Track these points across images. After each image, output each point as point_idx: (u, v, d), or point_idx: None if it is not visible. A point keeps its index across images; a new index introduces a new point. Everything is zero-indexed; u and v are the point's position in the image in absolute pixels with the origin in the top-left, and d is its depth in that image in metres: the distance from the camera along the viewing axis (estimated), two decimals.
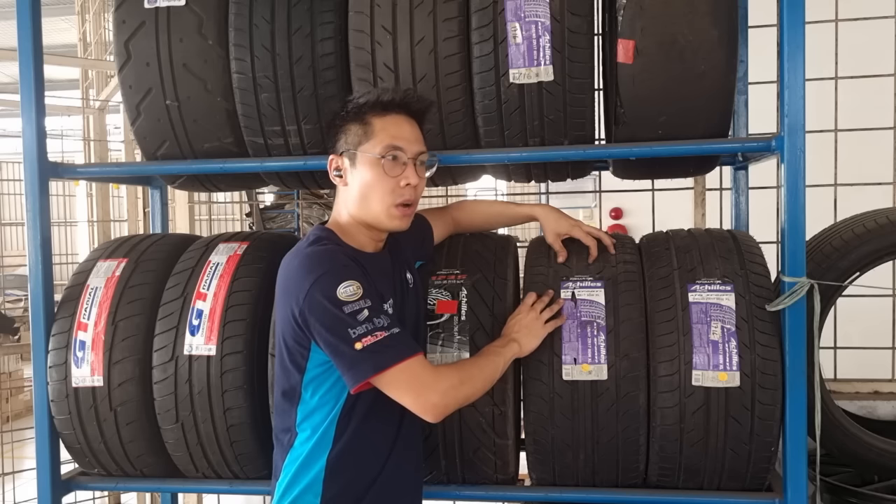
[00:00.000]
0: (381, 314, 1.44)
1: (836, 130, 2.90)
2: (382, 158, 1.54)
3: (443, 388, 1.45)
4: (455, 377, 1.48)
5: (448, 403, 1.47)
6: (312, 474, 1.52)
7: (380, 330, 1.41)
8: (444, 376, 1.47)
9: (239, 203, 5.74)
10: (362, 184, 1.56)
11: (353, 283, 1.43)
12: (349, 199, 1.60)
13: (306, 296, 1.44)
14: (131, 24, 1.90)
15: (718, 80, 1.73)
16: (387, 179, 1.55)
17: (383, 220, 1.57)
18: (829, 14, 2.91)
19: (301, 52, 1.83)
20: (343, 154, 1.59)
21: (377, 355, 1.41)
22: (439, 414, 1.46)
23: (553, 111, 1.79)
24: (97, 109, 4.59)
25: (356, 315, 1.41)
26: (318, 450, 1.52)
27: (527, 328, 1.68)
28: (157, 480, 1.98)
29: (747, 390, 1.66)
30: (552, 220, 1.88)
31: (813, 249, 2.01)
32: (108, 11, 4.63)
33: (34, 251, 1.96)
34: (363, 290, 1.44)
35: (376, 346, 1.40)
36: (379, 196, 1.55)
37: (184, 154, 1.99)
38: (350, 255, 1.52)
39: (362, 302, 1.42)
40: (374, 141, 1.55)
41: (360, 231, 1.61)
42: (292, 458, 1.54)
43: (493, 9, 1.74)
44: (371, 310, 1.43)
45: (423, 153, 1.61)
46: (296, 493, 1.52)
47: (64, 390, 1.87)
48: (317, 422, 1.53)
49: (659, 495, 1.78)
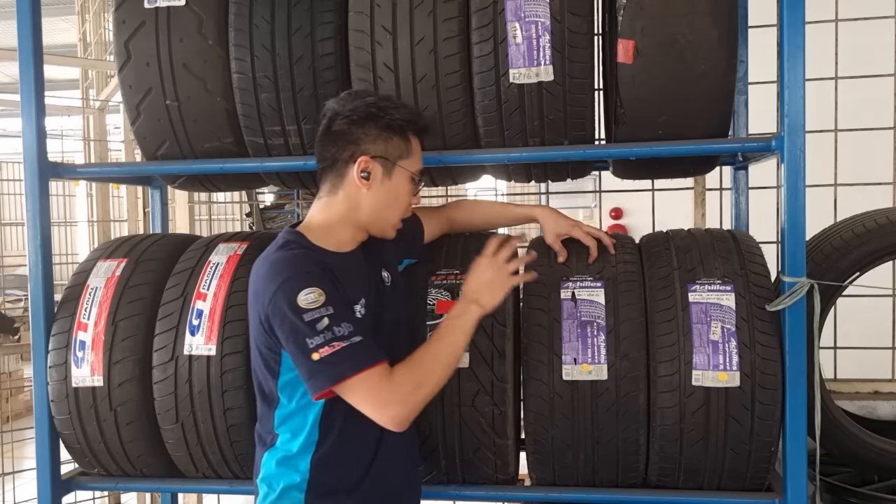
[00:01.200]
0: (342, 322, 1.41)
1: (836, 130, 2.90)
2: (413, 178, 1.61)
3: (399, 398, 1.42)
4: (410, 382, 1.43)
5: (409, 410, 1.44)
6: (297, 474, 1.51)
7: (338, 340, 1.39)
8: (400, 384, 1.42)
9: (239, 203, 5.73)
10: (390, 195, 1.58)
11: (314, 290, 1.41)
12: (361, 202, 1.57)
13: (270, 302, 1.44)
14: (131, 24, 1.90)
15: (718, 80, 1.73)
16: (408, 198, 1.62)
17: (388, 231, 1.63)
18: (829, 14, 2.91)
19: (301, 52, 1.83)
20: (376, 158, 1.55)
21: (333, 367, 1.39)
22: (402, 422, 1.44)
23: (553, 111, 1.79)
24: (97, 109, 4.59)
25: (315, 324, 1.39)
26: (302, 451, 1.52)
27: (488, 284, 1.57)
28: (157, 480, 1.98)
29: (747, 390, 1.66)
30: (552, 221, 1.88)
31: (813, 249, 2.01)
32: (108, 11, 4.63)
33: (34, 251, 1.96)
34: (325, 297, 1.41)
35: (333, 357, 1.38)
36: (397, 211, 1.61)
37: (184, 154, 1.99)
38: (317, 259, 1.50)
39: (323, 310, 1.40)
40: (413, 160, 1.60)
41: (348, 231, 1.59)
42: (275, 458, 1.54)
43: (493, 9, 1.74)
44: (332, 318, 1.40)
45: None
46: (279, 491, 1.52)
47: (64, 390, 1.87)
48: (297, 425, 1.52)
49: (659, 495, 1.78)
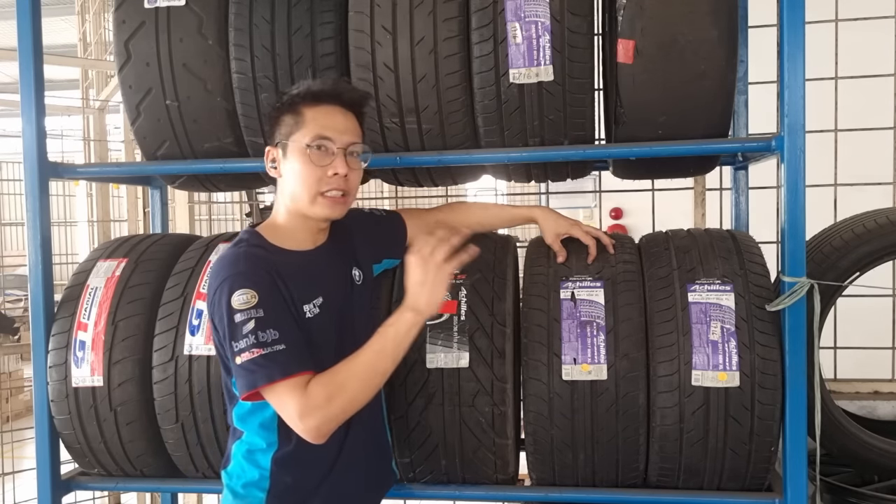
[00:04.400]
0: (269, 328, 1.39)
1: (836, 130, 2.90)
2: (308, 148, 1.53)
3: (311, 410, 1.38)
4: (322, 394, 1.39)
5: (321, 422, 1.39)
6: (257, 471, 1.53)
7: (258, 346, 1.38)
8: (313, 395, 1.39)
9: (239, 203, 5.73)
10: (292, 173, 1.55)
11: (247, 292, 1.41)
12: (284, 190, 1.59)
13: (212, 299, 1.45)
14: (131, 24, 1.90)
15: (718, 80, 1.73)
16: (314, 168, 1.52)
17: (311, 208, 1.55)
18: (829, 14, 2.91)
19: (301, 52, 1.83)
20: (277, 145, 1.58)
21: (251, 374, 1.39)
22: (318, 434, 1.41)
23: (553, 111, 1.79)
24: (97, 109, 4.59)
25: (243, 326, 1.38)
26: (263, 450, 1.53)
27: (421, 284, 1.46)
28: (157, 480, 1.98)
29: (747, 390, 1.66)
30: (551, 221, 1.88)
31: (813, 249, 2.01)
32: (108, 11, 4.63)
33: (34, 251, 1.96)
34: (258, 299, 1.40)
35: (250, 364, 1.38)
36: (306, 185, 1.53)
37: (184, 154, 1.99)
38: (263, 257, 1.49)
39: (253, 311, 1.39)
40: (304, 131, 1.53)
41: (296, 224, 1.59)
42: (241, 451, 1.56)
43: (493, 9, 1.74)
44: (259, 321, 1.39)
45: (355, 144, 1.57)
46: (241, 485, 1.54)
47: (64, 390, 1.87)
48: (256, 424, 1.53)
49: (659, 495, 1.78)
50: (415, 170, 2.06)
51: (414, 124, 1.85)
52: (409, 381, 1.75)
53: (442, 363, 1.74)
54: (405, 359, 1.74)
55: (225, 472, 1.59)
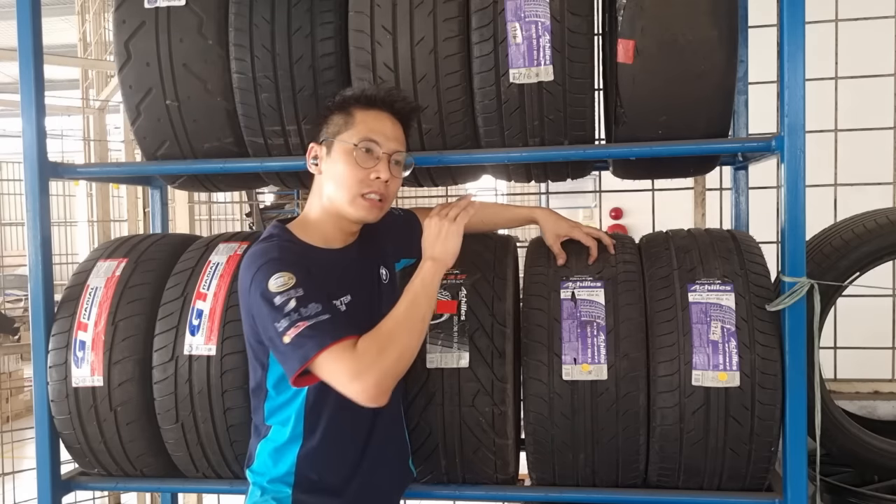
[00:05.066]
0: (311, 302, 1.39)
1: (836, 130, 2.90)
2: (356, 148, 1.54)
3: (364, 366, 1.36)
4: (373, 348, 1.38)
5: (377, 378, 1.36)
6: (283, 466, 1.53)
7: (303, 319, 1.37)
8: (363, 352, 1.37)
9: (239, 203, 5.74)
10: (334, 171, 1.56)
11: (284, 274, 1.41)
12: (322, 188, 1.60)
13: (248, 293, 1.45)
14: (131, 24, 1.90)
15: (718, 80, 1.73)
16: (358, 169, 1.54)
17: (348, 209, 1.56)
18: (829, 14, 2.91)
19: (301, 52, 1.83)
20: (322, 143, 1.60)
21: (300, 348, 1.37)
22: (375, 393, 1.37)
23: (553, 111, 1.79)
24: (97, 109, 4.59)
25: (284, 306, 1.38)
26: (289, 444, 1.53)
27: (436, 237, 1.57)
28: (157, 480, 1.98)
29: (747, 390, 1.66)
30: (552, 222, 1.88)
31: (813, 249, 2.01)
32: (108, 11, 4.63)
33: (34, 251, 1.96)
34: (295, 280, 1.40)
35: (298, 338, 1.37)
36: (348, 185, 1.54)
37: (184, 154, 1.99)
38: (297, 251, 1.51)
39: (293, 291, 1.39)
40: (353, 131, 1.56)
41: (329, 223, 1.60)
42: (266, 449, 1.56)
43: (493, 9, 1.74)
44: (300, 299, 1.38)
45: (400, 152, 1.60)
46: (267, 480, 1.54)
47: (64, 390, 1.87)
48: (284, 417, 1.54)
49: (659, 495, 1.78)
50: (415, 170, 2.05)
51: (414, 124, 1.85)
52: (409, 381, 1.75)
53: (442, 363, 1.74)
54: None
55: (250, 471, 1.59)
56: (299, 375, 1.40)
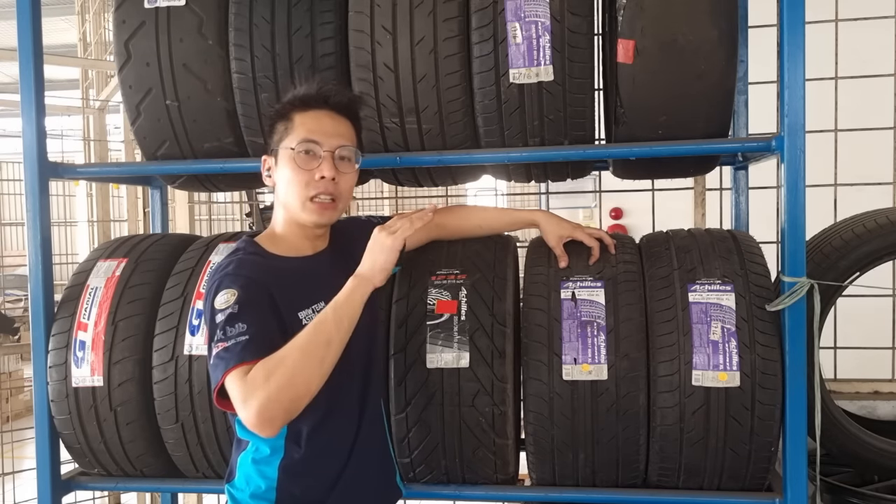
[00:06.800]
0: (238, 322, 1.36)
1: (836, 130, 2.90)
2: (294, 151, 1.52)
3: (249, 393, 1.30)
4: (261, 373, 1.31)
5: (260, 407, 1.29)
6: (264, 481, 1.50)
7: (224, 340, 1.35)
8: (251, 379, 1.31)
9: (239, 203, 5.73)
10: (284, 179, 1.56)
11: (228, 291, 1.40)
12: (278, 198, 1.59)
13: (204, 307, 1.46)
14: (131, 24, 1.90)
15: (718, 80, 1.73)
16: (301, 172, 1.52)
17: (301, 214, 1.55)
18: (829, 14, 2.91)
19: (301, 52, 1.83)
20: (271, 153, 1.60)
21: (215, 369, 1.37)
22: (259, 423, 1.30)
23: (553, 111, 1.79)
24: (97, 109, 4.59)
25: (218, 324, 1.38)
26: (270, 457, 1.50)
27: (369, 250, 1.51)
28: (157, 480, 1.98)
29: (747, 390, 1.66)
30: (553, 224, 1.87)
31: (813, 249, 2.01)
32: (108, 11, 4.63)
33: (34, 251, 1.96)
34: (236, 297, 1.39)
35: (216, 358, 1.37)
36: (295, 190, 1.53)
37: (184, 154, 1.99)
38: (261, 263, 1.50)
39: (229, 308, 1.38)
40: (293, 136, 1.54)
41: (293, 232, 1.59)
42: (246, 461, 1.53)
43: (493, 9, 1.74)
44: (230, 317, 1.36)
45: (344, 147, 1.56)
46: (248, 496, 1.51)
47: (64, 390, 1.87)
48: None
49: (659, 495, 1.78)
50: (415, 170, 2.06)
51: (414, 124, 1.85)
52: (409, 381, 1.75)
53: (442, 363, 1.74)
54: (405, 359, 1.75)
55: (230, 486, 1.56)
56: (219, 396, 1.39)
